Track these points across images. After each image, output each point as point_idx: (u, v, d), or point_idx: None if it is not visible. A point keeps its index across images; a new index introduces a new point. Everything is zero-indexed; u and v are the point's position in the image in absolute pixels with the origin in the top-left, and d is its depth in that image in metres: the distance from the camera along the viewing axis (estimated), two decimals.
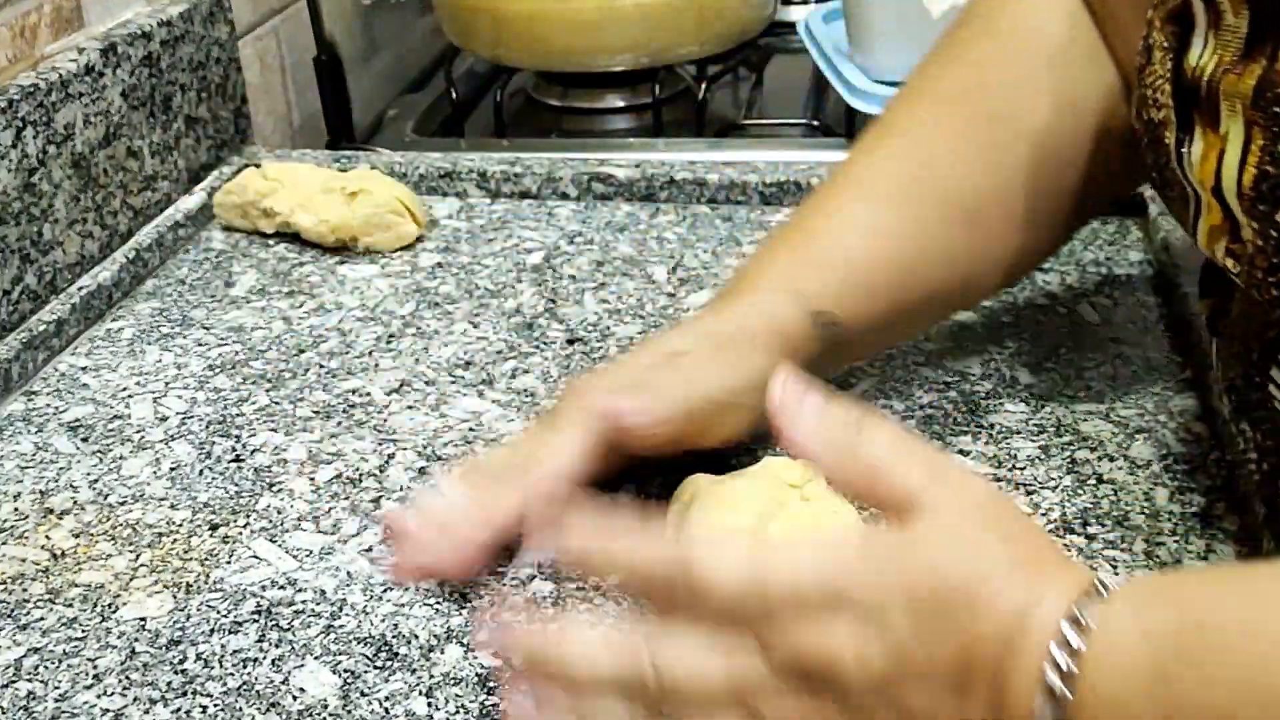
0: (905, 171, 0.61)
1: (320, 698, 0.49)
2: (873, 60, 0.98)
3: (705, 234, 0.84)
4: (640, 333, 0.73)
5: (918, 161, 0.61)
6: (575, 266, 0.81)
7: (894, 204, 0.60)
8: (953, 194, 0.60)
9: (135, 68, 0.84)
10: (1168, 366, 0.67)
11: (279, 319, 0.76)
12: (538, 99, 1.19)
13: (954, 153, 0.61)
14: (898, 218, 0.60)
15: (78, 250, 0.79)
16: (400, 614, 0.53)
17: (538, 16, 1.07)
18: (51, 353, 0.74)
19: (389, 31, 1.22)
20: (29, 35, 0.79)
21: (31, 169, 0.75)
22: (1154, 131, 0.50)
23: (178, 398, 0.69)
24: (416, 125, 1.15)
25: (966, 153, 0.60)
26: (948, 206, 0.60)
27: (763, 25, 1.17)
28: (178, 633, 0.53)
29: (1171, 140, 0.49)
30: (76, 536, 0.59)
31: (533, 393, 0.68)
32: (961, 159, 0.60)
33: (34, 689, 0.50)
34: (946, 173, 0.60)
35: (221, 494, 0.61)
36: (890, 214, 0.60)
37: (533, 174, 0.90)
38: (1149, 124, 0.50)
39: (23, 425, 0.67)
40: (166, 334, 0.76)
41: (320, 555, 0.57)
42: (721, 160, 0.92)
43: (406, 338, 0.74)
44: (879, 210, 0.60)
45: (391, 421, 0.66)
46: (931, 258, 0.60)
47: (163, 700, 0.49)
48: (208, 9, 0.92)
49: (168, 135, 0.88)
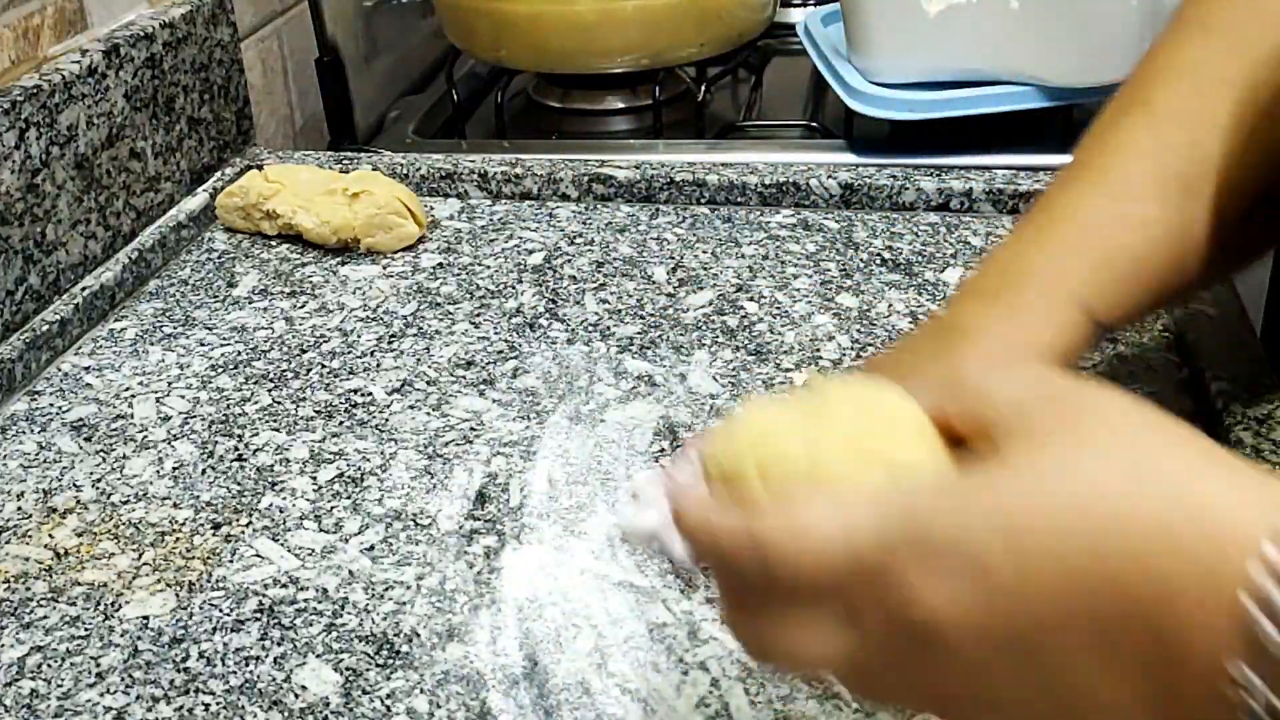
0: (1185, 160, 0.56)
1: (322, 696, 0.50)
2: (871, 62, 0.99)
3: (705, 234, 0.84)
4: (640, 333, 0.73)
5: (1194, 146, 0.56)
6: (575, 267, 0.81)
7: (1176, 197, 0.56)
8: (1228, 182, 0.56)
9: (138, 69, 0.84)
10: (1165, 366, 0.67)
11: (281, 319, 0.77)
12: (538, 101, 1.19)
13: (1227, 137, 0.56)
14: (1184, 213, 0.56)
15: (81, 251, 0.79)
16: (402, 612, 0.53)
17: (538, 19, 1.08)
18: (55, 353, 0.74)
19: (391, 33, 1.22)
20: (32, 37, 0.79)
21: (35, 170, 0.75)
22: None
23: (180, 397, 0.69)
24: (418, 127, 1.15)
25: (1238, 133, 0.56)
26: (1222, 194, 0.56)
27: (762, 27, 1.17)
28: (180, 631, 0.53)
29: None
30: (80, 535, 0.59)
31: (533, 392, 0.68)
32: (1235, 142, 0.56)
33: (37, 687, 0.51)
34: (1224, 159, 0.56)
35: (224, 493, 0.61)
36: (1175, 210, 0.56)
37: (533, 175, 0.90)
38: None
39: (26, 425, 0.68)
40: (169, 334, 0.76)
41: (322, 554, 0.57)
42: (721, 161, 0.92)
43: (408, 338, 0.74)
44: (1165, 206, 0.56)
45: (393, 421, 0.66)
46: (1203, 250, 0.56)
47: (165, 698, 0.50)
48: (210, 11, 0.92)
49: (170, 136, 0.88)
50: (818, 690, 0.48)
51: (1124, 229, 0.56)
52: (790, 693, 0.48)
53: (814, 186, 0.87)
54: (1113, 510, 0.31)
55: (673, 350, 0.71)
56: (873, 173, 0.88)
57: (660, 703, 0.48)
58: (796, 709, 0.48)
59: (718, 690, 0.49)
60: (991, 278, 0.56)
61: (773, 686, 0.49)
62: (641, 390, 0.68)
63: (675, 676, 0.50)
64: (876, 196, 0.87)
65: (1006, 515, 0.32)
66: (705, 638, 0.51)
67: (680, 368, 0.70)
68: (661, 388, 0.68)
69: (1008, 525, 0.32)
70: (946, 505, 0.33)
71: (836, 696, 0.48)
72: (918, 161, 0.92)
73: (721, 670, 0.50)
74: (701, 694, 0.49)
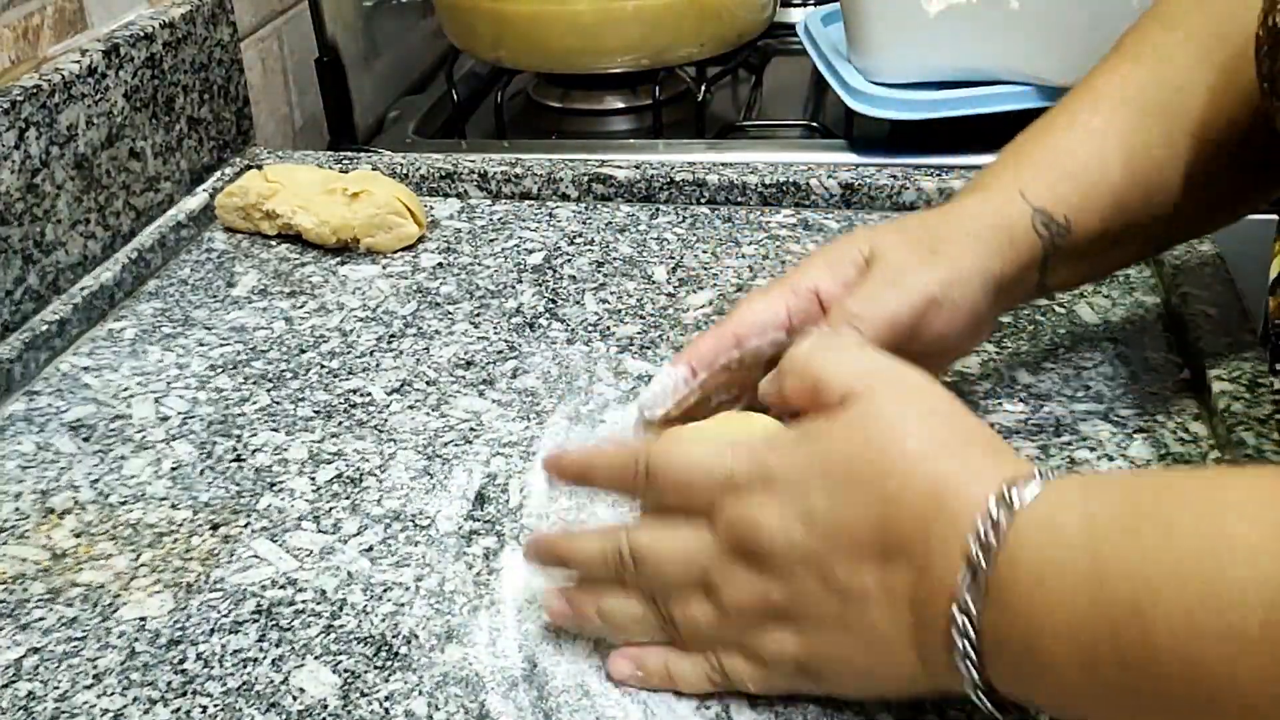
0: (1156, 93, 0.59)
1: (320, 698, 0.49)
2: (871, 61, 0.98)
3: (705, 234, 0.84)
4: (640, 333, 0.73)
5: (1170, 85, 0.59)
6: (575, 267, 0.81)
7: (1146, 120, 0.58)
8: (1200, 119, 0.58)
9: (138, 69, 0.84)
10: (1167, 366, 0.67)
11: (280, 319, 0.77)
12: (538, 100, 1.19)
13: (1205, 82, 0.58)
14: (1147, 135, 0.58)
15: (80, 250, 0.79)
16: (401, 614, 0.53)
17: (538, 18, 1.08)
18: (53, 353, 0.74)
19: (390, 33, 1.22)
20: (32, 37, 0.79)
21: (34, 170, 0.75)
22: (1277, 38, 0.49)
23: (179, 398, 0.69)
24: (417, 126, 1.15)
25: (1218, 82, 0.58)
26: (1198, 131, 0.58)
27: (762, 27, 1.17)
28: (178, 632, 0.53)
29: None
30: (77, 536, 0.59)
31: (533, 392, 0.68)
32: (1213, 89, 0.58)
33: (34, 689, 0.50)
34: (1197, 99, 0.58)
35: (222, 494, 0.61)
36: (1140, 131, 0.58)
37: (533, 175, 0.90)
38: (1273, 30, 0.50)
39: (24, 425, 0.67)
40: (168, 334, 0.76)
41: (321, 555, 0.57)
42: (721, 161, 0.92)
43: (407, 338, 0.74)
44: (1127, 123, 0.58)
45: (392, 421, 0.66)
46: (1173, 182, 0.58)
47: (163, 700, 0.50)
48: (210, 10, 0.92)
49: (170, 136, 0.88)
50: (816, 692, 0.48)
51: (1078, 136, 0.59)
52: (791, 694, 0.48)
53: (814, 186, 0.87)
54: (893, 469, 0.42)
55: (673, 350, 0.71)
56: (873, 173, 0.88)
57: (660, 704, 0.48)
58: (797, 710, 0.47)
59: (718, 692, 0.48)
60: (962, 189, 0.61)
61: None
62: (641, 391, 0.68)
63: None
64: (877, 196, 0.87)
65: (823, 461, 0.44)
66: None
67: None
68: None
69: (823, 468, 0.43)
70: (782, 450, 0.45)
71: (837, 698, 0.48)
72: (918, 161, 0.92)
73: None
74: (702, 696, 0.48)
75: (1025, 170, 0.58)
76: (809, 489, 0.43)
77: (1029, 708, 0.44)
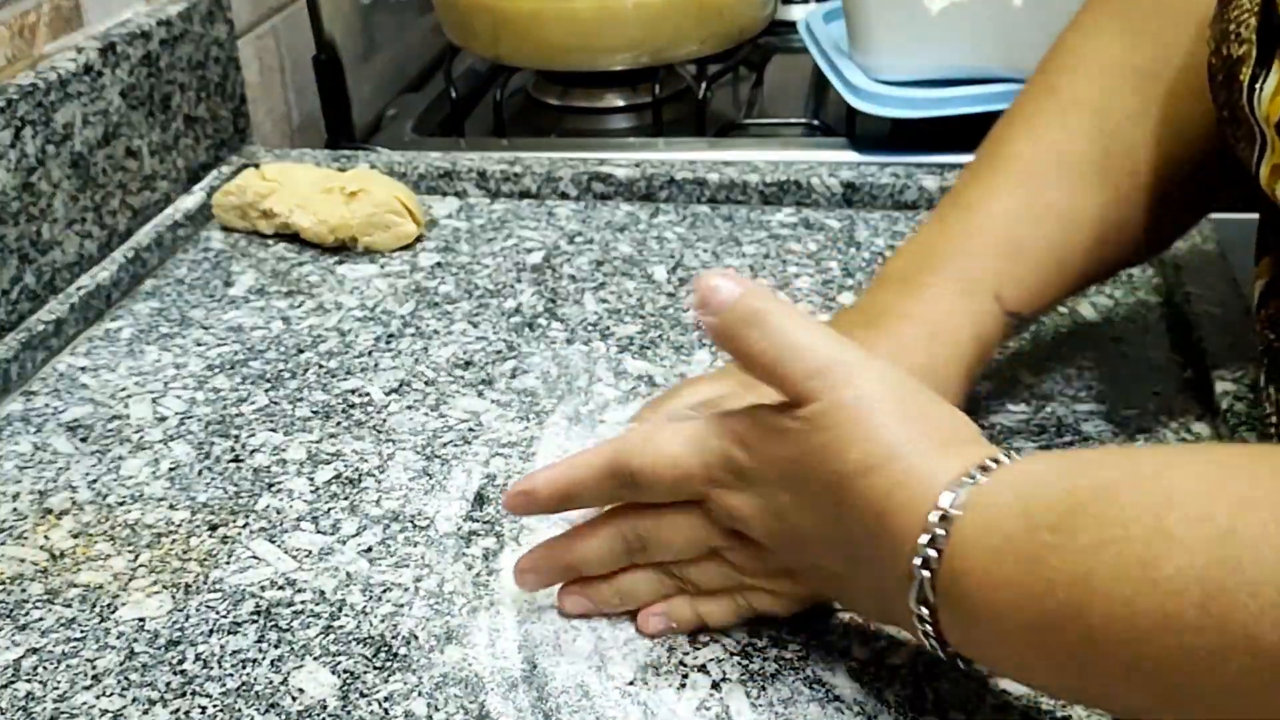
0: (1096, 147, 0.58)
1: (319, 698, 0.49)
2: (873, 59, 0.98)
3: (705, 234, 0.84)
4: (640, 332, 0.73)
5: (1106, 134, 0.58)
6: (575, 266, 0.81)
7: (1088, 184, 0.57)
8: (1143, 167, 0.57)
9: (134, 67, 0.84)
10: (1168, 366, 0.67)
11: (278, 319, 0.76)
12: (537, 98, 1.18)
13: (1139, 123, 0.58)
14: (1097, 200, 0.57)
15: (76, 250, 0.79)
16: (400, 614, 0.53)
17: (537, 16, 1.07)
18: (50, 353, 0.74)
19: (388, 31, 1.22)
20: (28, 34, 0.78)
21: (30, 169, 0.74)
22: (1230, 68, 0.50)
23: (177, 398, 0.69)
24: (416, 125, 1.15)
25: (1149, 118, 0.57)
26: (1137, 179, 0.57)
27: (763, 24, 1.16)
28: (177, 633, 0.53)
29: (1246, 77, 0.49)
30: (75, 537, 0.59)
31: (533, 393, 0.68)
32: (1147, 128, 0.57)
33: (33, 689, 0.50)
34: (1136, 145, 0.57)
35: (220, 494, 0.61)
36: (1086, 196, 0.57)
37: (532, 173, 0.90)
38: (1226, 59, 0.50)
39: (21, 425, 0.67)
40: (165, 334, 0.75)
41: (319, 555, 0.57)
42: (722, 160, 0.92)
43: (406, 337, 0.74)
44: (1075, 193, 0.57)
45: (391, 421, 0.66)
46: (1121, 235, 0.58)
47: (161, 701, 0.49)
48: (207, 8, 0.92)
49: (167, 135, 0.88)
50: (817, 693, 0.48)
51: (1034, 219, 0.57)
52: (791, 696, 0.48)
53: (815, 185, 0.87)
54: (839, 482, 0.44)
55: (673, 350, 0.71)
56: (874, 171, 0.87)
57: (660, 705, 0.48)
58: (798, 711, 0.47)
59: (718, 693, 0.48)
60: (909, 265, 0.58)
61: (774, 690, 0.48)
62: (641, 390, 0.67)
63: (676, 679, 0.49)
64: (878, 195, 0.86)
65: (782, 464, 0.46)
66: (706, 640, 0.51)
67: (680, 368, 0.69)
68: (662, 388, 0.67)
69: (783, 470, 0.46)
70: (751, 450, 0.47)
71: (838, 699, 0.48)
72: (920, 160, 0.92)
73: (722, 673, 0.49)
74: (702, 697, 0.48)
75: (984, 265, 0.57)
76: (776, 488, 0.46)
77: None
